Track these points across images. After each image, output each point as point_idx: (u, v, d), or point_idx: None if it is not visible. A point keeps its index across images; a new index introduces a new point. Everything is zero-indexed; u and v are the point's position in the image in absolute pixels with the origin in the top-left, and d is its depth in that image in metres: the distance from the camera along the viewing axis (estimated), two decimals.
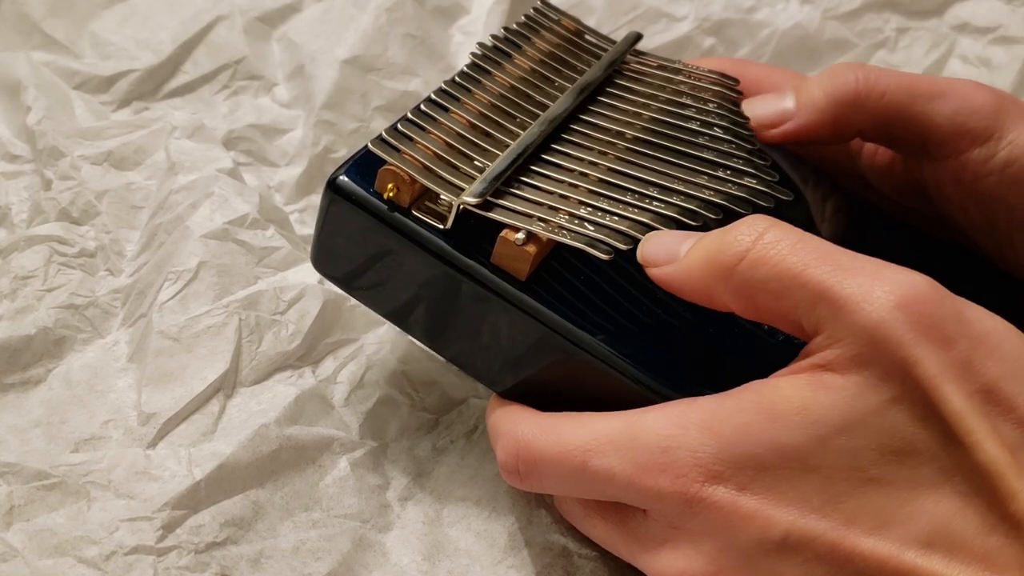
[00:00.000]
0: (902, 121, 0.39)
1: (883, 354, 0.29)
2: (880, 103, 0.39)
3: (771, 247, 0.30)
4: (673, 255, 0.32)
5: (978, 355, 0.29)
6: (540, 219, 0.34)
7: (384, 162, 0.34)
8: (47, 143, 0.46)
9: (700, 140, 0.38)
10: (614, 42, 0.43)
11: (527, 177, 0.35)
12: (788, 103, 0.40)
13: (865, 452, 0.29)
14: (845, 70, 0.40)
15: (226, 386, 0.39)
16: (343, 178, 0.35)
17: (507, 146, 0.36)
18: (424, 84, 0.51)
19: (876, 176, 0.43)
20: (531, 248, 0.33)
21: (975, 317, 0.29)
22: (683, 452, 0.30)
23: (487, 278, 0.34)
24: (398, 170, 0.34)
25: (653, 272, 0.33)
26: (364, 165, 0.35)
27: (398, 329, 0.42)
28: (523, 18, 0.42)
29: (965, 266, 0.32)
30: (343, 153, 0.49)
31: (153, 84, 0.51)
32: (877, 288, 0.29)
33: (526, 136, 0.36)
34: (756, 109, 0.41)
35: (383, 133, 0.35)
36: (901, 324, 0.28)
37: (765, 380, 0.31)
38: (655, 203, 0.35)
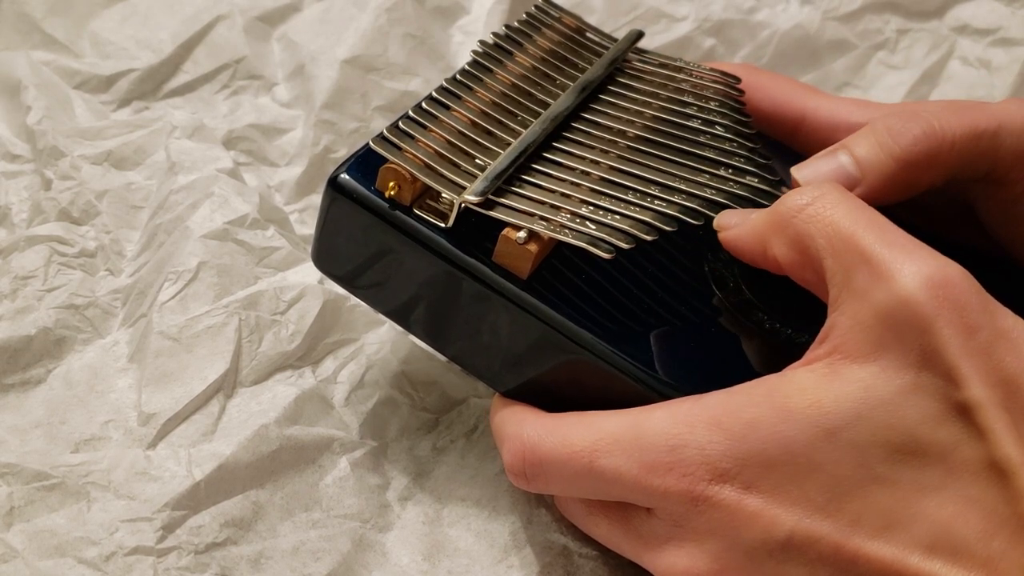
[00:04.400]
0: (970, 164, 0.37)
1: (904, 333, 0.29)
2: (952, 155, 0.37)
3: (830, 206, 0.31)
4: (744, 219, 0.34)
5: (1000, 347, 0.28)
6: (542, 218, 0.33)
7: (385, 160, 0.34)
8: (47, 143, 0.46)
9: (702, 139, 0.38)
10: (615, 40, 0.43)
11: (529, 175, 0.35)
12: (846, 164, 0.37)
13: (872, 449, 0.29)
14: (905, 124, 0.37)
15: (226, 386, 0.39)
16: (344, 176, 0.35)
17: (508, 144, 0.35)
18: (424, 84, 0.51)
19: None
20: (533, 247, 0.33)
21: (1000, 312, 0.29)
22: (690, 450, 0.30)
23: (488, 277, 0.34)
24: (399, 168, 0.34)
25: (722, 235, 0.34)
26: (365, 163, 0.35)
27: (398, 329, 0.42)
28: (524, 16, 0.42)
29: (979, 268, 0.32)
30: (343, 153, 0.49)
31: (153, 84, 0.51)
32: (908, 265, 0.29)
33: (528, 134, 0.36)
34: (809, 176, 0.37)
35: (384, 131, 0.34)
36: (925, 304, 0.29)
37: (780, 374, 0.31)
38: (657, 202, 0.35)
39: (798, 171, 0.37)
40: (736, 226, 0.34)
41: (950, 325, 0.28)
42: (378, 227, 0.34)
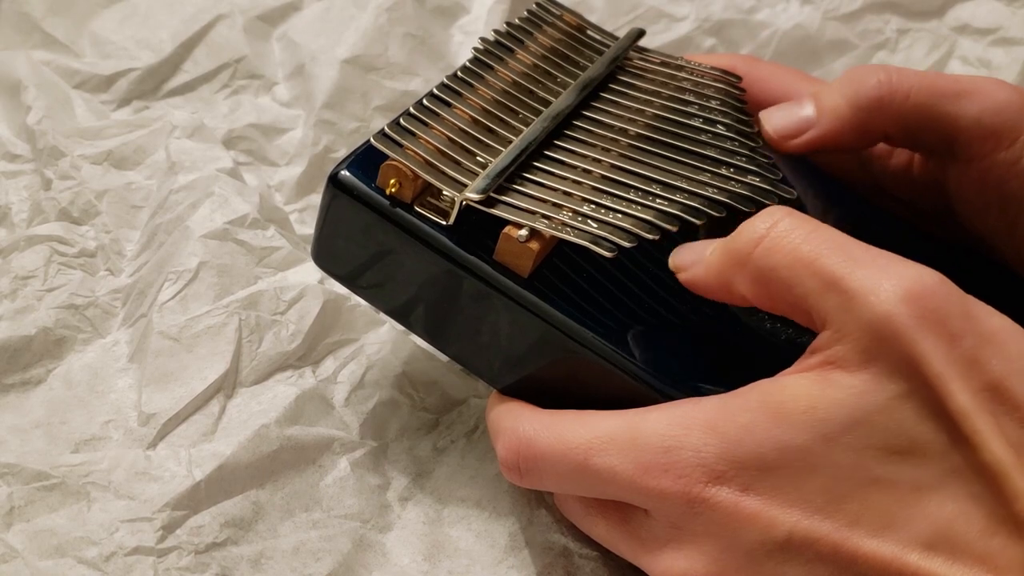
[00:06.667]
0: (928, 123, 0.38)
1: (889, 348, 0.28)
2: (905, 105, 0.38)
3: (785, 235, 0.31)
4: (699, 257, 0.33)
5: (984, 352, 0.28)
6: (543, 216, 0.33)
7: (386, 157, 0.34)
8: (47, 143, 0.46)
9: (703, 137, 0.38)
10: (617, 38, 0.43)
11: (530, 173, 0.35)
12: (807, 111, 0.39)
13: (870, 452, 0.29)
14: (866, 73, 0.39)
15: (226, 386, 0.39)
16: (345, 173, 0.34)
17: (510, 142, 0.35)
18: (424, 84, 0.51)
19: (889, 178, 0.42)
20: (534, 245, 0.33)
21: (982, 315, 0.29)
22: (686, 452, 0.30)
23: (489, 275, 0.34)
24: (400, 165, 0.34)
25: (682, 277, 0.34)
26: (366, 160, 0.35)
27: (398, 329, 0.42)
28: (525, 13, 0.42)
29: (974, 269, 0.32)
30: (343, 153, 0.49)
31: (153, 83, 0.51)
32: (884, 281, 0.29)
33: (529, 132, 0.36)
34: (774, 119, 0.39)
35: (385, 128, 0.34)
36: (907, 318, 0.28)
37: (772, 379, 0.31)
38: (658, 200, 0.34)
39: (766, 116, 0.39)
40: (693, 265, 0.33)
41: (933, 336, 0.28)
42: (379, 225, 0.34)
